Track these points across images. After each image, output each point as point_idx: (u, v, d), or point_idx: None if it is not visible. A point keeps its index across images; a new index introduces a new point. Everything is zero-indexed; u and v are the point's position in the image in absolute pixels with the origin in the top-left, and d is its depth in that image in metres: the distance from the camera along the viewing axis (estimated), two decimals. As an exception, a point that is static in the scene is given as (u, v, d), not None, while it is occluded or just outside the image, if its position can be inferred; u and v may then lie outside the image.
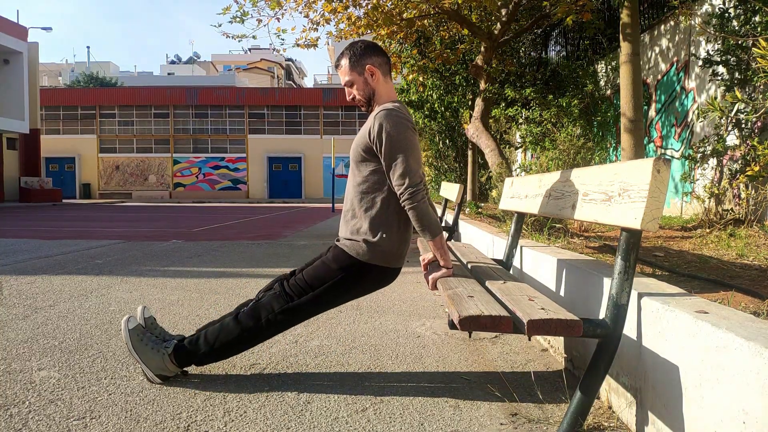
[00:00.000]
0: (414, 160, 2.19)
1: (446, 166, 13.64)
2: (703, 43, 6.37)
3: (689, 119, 6.78)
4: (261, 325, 2.25)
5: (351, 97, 2.40)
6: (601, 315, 2.02)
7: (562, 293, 2.59)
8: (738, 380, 1.28)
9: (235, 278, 4.92)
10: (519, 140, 10.68)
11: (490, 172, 7.80)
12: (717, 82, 5.77)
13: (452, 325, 1.85)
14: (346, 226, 2.33)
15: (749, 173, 3.90)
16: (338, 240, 2.36)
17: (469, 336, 2.99)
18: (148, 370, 2.27)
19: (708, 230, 4.71)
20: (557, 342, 2.70)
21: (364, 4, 7.34)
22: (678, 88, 7.07)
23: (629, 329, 1.85)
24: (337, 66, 2.42)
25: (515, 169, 10.24)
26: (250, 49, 53.00)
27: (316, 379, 2.36)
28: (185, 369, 2.36)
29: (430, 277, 2.28)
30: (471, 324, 1.69)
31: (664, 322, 1.63)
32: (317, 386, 2.28)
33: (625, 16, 5.43)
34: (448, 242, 2.91)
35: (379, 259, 2.26)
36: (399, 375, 2.43)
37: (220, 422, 1.93)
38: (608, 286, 1.97)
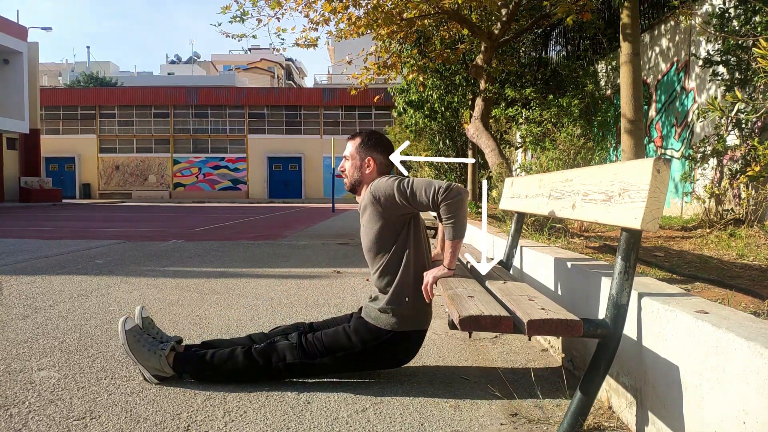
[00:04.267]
0: (427, 180, 2.21)
1: (446, 167, 13.64)
2: (704, 43, 6.37)
3: (689, 119, 6.77)
4: (270, 367, 2.28)
5: (342, 168, 2.51)
6: (602, 315, 2.02)
7: (562, 293, 2.59)
8: (738, 380, 1.28)
9: (235, 278, 4.92)
10: (519, 140, 10.68)
11: (491, 172, 7.79)
12: (717, 82, 5.77)
13: (452, 325, 1.85)
14: (376, 301, 2.35)
15: (750, 173, 3.90)
16: (361, 315, 2.38)
17: (470, 336, 2.99)
18: (145, 371, 2.29)
19: (708, 230, 4.71)
20: (557, 342, 2.70)
21: (364, 4, 7.34)
22: (678, 88, 7.07)
23: (629, 329, 1.85)
24: (350, 138, 2.53)
25: (515, 169, 10.24)
26: (250, 49, 52.98)
27: (316, 379, 2.36)
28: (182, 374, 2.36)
29: (430, 275, 2.23)
30: (471, 324, 1.69)
31: (665, 322, 1.63)
32: (317, 386, 2.28)
33: (625, 16, 5.43)
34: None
35: (408, 324, 2.29)
36: (399, 375, 2.43)
37: (220, 422, 1.93)
38: (608, 286, 1.97)
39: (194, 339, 2.88)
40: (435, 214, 2.24)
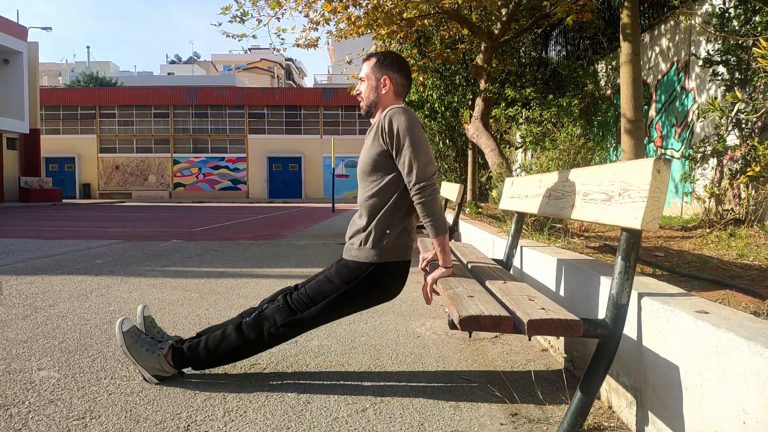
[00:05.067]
0: (425, 155, 2.19)
1: (446, 166, 13.64)
2: (704, 42, 6.37)
3: (689, 119, 6.77)
4: (263, 336, 2.26)
5: (357, 91, 2.43)
6: (602, 315, 2.02)
7: (562, 293, 2.59)
8: (738, 380, 1.28)
9: (235, 278, 4.92)
10: (519, 140, 10.68)
11: (490, 172, 7.79)
12: (717, 82, 5.77)
13: (452, 325, 1.85)
14: (356, 238, 2.31)
15: (750, 174, 3.91)
16: (342, 257, 2.35)
17: (470, 336, 2.99)
18: (144, 371, 2.28)
19: (708, 230, 4.71)
20: (557, 342, 2.70)
21: (364, 4, 7.34)
22: (678, 88, 7.07)
23: (629, 329, 1.85)
24: (365, 59, 2.44)
25: (515, 169, 10.24)
26: (250, 49, 52.98)
27: (316, 379, 2.36)
28: (182, 370, 2.36)
29: (430, 277, 2.27)
30: (471, 324, 1.69)
31: (665, 322, 1.63)
32: (317, 386, 2.28)
33: (625, 16, 5.43)
34: (449, 243, 2.90)
35: (388, 255, 2.24)
36: (399, 375, 2.43)
37: (220, 422, 1.93)
38: (608, 286, 1.97)
39: (194, 339, 2.88)
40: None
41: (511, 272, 3.22)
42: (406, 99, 11.41)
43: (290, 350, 2.76)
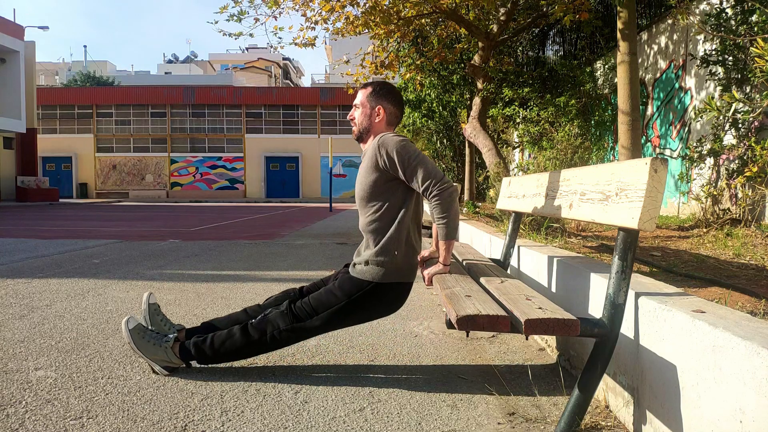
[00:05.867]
0: (430, 164, 2.28)
1: (444, 166, 13.64)
2: (701, 41, 6.38)
3: (687, 118, 6.79)
4: (265, 339, 2.35)
5: (351, 116, 2.55)
6: (599, 314, 2.02)
7: (559, 293, 2.59)
8: (735, 379, 1.28)
9: (233, 278, 4.92)
10: (516, 140, 10.69)
11: (488, 171, 7.80)
12: (715, 81, 5.78)
13: (450, 325, 1.85)
14: (362, 256, 2.39)
15: (747, 174, 3.91)
16: (347, 266, 2.44)
17: (467, 335, 2.99)
18: (154, 365, 2.36)
19: (705, 230, 4.72)
20: (554, 341, 2.70)
21: (361, 3, 7.34)
22: (676, 87, 7.08)
23: (626, 329, 1.85)
24: (362, 86, 2.58)
25: (513, 169, 10.24)
26: (247, 49, 52.93)
27: (314, 379, 2.36)
28: (189, 362, 2.43)
29: (426, 272, 2.38)
30: (468, 323, 1.69)
31: (661, 322, 1.63)
32: (315, 386, 2.28)
33: (622, 15, 5.44)
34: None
35: (393, 276, 2.32)
36: (397, 374, 2.43)
37: (217, 422, 1.93)
38: (605, 285, 1.97)
39: (191, 338, 2.88)
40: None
41: (509, 272, 3.23)
42: (404, 98, 11.43)
43: (288, 350, 2.76)
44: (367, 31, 7.54)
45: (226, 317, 2.56)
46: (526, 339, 2.88)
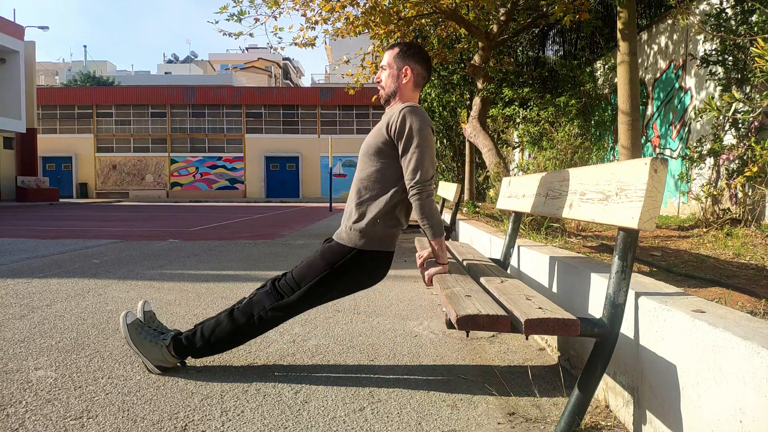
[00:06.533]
0: (430, 158, 2.25)
1: (444, 166, 13.65)
2: (701, 41, 6.38)
3: (687, 118, 6.79)
4: (253, 320, 2.32)
5: (378, 79, 2.50)
6: (599, 314, 2.02)
7: (559, 292, 2.59)
8: (735, 379, 1.28)
9: (233, 278, 4.92)
10: (516, 140, 10.69)
11: (488, 171, 7.80)
12: (715, 81, 5.78)
13: (450, 325, 1.85)
14: (345, 222, 2.38)
15: (747, 174, 3.91)
16: (327, 241, 2.42)
17: (467, 335, 2.99)
18: (147, 362, 2.35)
19: (705, 230, 4.72)
20: (554, 341, 2.70)
21: (361, 4, 7.34)
22: (676, 87, 7.08)
23: (626, 328, 1.85)
24: (388, 47, 2.51)
25: (513, 169, 10.25)
26: (247, 49, 52.92)
27: (314, 379, 2.36)
28: (184, 360, 2.42)
29: (426, 273, 2.36)
30: (468, 323, 1.69)
31: (661, 322, 1.63)
32: (314, 386, 2.28)
33: (622, 15, 5.44)
34: (446, 242, 2.92)
35: (374, 243, 2.30)
36: (396, 374, 2.43)
37: (217, 422, 1.93)
38: (605, 285, 1.97)
39: (191, 338, 2.87)
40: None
41: (509, 271, 3.23)
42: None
43: (287, 349, 2.76)
44: (367, 31, 7.54)
45: (216, 315, 2.55)
46: (526, 339, 2.89)
